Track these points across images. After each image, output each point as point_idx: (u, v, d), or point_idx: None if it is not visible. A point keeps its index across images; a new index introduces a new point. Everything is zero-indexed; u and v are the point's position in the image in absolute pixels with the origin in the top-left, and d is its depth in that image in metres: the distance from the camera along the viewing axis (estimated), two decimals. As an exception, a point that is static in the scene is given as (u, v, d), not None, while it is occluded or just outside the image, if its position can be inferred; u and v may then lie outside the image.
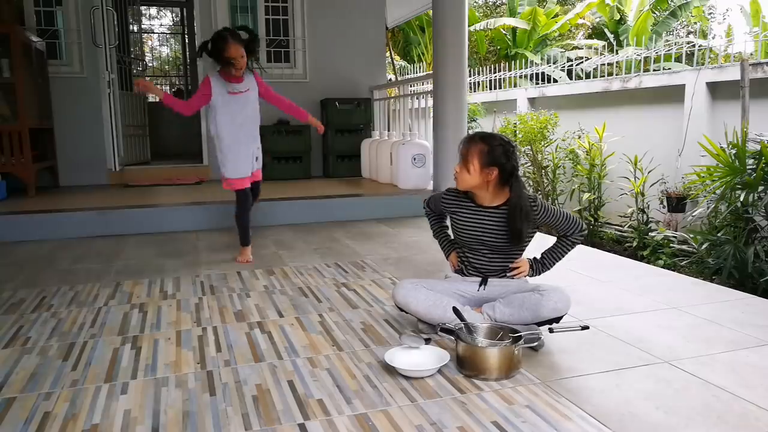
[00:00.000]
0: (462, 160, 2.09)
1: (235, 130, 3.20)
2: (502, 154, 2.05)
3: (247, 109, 3.22)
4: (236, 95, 3.17)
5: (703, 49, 8.66)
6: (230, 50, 3.02)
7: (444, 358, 1.82)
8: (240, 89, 3.18)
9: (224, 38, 3.02)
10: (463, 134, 4.87)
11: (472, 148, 2.07)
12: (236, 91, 3.17)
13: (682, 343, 2.05)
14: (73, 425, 1.54)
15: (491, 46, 15.30)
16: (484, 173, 2.06)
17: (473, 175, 2.07)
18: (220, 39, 3.03)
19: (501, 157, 2.05)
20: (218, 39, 3.04)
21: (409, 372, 1.79)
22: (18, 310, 2.50)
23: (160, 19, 17.09)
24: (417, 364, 1.82)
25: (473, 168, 2.06)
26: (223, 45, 3.02)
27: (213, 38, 3.07)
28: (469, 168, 2.07)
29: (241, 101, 3.19)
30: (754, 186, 4.58)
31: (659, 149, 6.92)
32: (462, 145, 2.12)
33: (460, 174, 2.10)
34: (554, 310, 1.99)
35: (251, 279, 2.96)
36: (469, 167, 2.07)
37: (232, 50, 3.02)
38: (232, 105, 3.17)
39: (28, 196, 4.95)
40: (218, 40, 3.03)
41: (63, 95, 5.89)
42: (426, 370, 1.79)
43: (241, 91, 3.18)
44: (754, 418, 1.54)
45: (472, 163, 2.06)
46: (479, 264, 2.22)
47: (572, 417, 1.55)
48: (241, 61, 3.06)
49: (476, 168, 2.06)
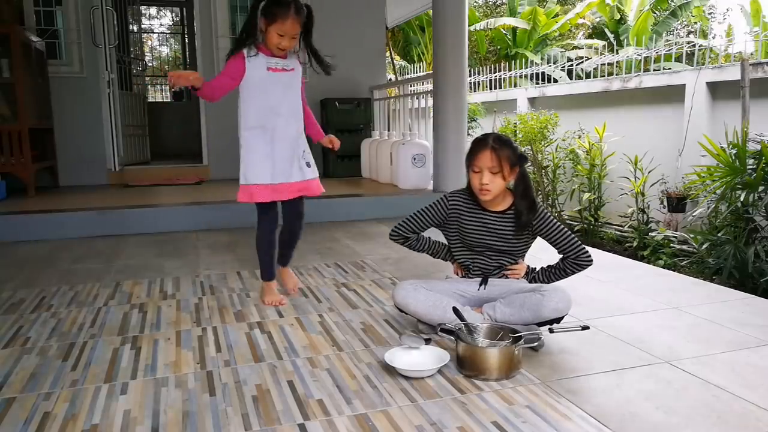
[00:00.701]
0: (491, 171, 2.06)
1: (266, 118, 2.37)
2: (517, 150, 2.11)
3: (289, 94, 2.41)
4: (278, 73, 2.37)
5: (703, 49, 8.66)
6: (287, 23, 2.24)
7: (444, 359, 1.82)
8: (284, 66, 2.38)
9: (285, 5, 2.23)
10: (463, 134, 4.88)
11: (501, 155, 2.05)
12: (279, 67, 2.37)
13: (683, 343, 2.05)
14: (73, 425, 1.53)
15: (491, 46, 15.30)
16: (512, 174, 2.10)
17: (507, 180, 2.10)
18: (277, 4, 2.25)
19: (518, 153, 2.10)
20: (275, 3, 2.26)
21: (409, 372, 1.78)
22: (18, 310, 2.49)
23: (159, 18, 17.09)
24: (417, 364, 1.82)
25: (506, 173, 2.08)
26: (279, 12, 2.23)
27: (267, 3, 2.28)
28: (504, 174, 2.07)
29: (283, 81, 2.38)
30: (755, 186, 4.57)
31: (659, 149, 6.91)
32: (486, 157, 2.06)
33: (491, 184, 2.07)
34: (555, 310, 1.99)
35: (251, 279, 2.95)
36: (504, 174, 2.07)
37: (288, 24, 2.25)
38: (271, 86, 2.36)
39: (27, 196, 4.95)
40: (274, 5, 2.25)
41: (63, 95, 5.89)
42: (426, 370, 1.79)
43: (285, 68, 2.38)
44: (755, 418, 1.54)
45: (504, 169, 2.07)
46: (481, 264, 2.23)
47: (572, 417, 1.55)
48: (291, 42, 2.32)
49: (508, 172, 2.08)
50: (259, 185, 2.38)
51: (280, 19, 2.23)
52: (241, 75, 2.33)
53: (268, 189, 2.39)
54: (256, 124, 2.37)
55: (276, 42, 2.28)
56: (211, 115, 6.35)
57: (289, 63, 2.40)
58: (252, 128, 2.38)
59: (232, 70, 2.33)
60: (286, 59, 2.39)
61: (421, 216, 2.25)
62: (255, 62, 2.32)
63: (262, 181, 2.38)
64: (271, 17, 2.25)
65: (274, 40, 2.28)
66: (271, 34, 2.27)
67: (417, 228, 2.27)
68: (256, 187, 2.38)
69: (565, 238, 2.15)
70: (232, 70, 2.33)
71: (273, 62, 2.35)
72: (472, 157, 2.10)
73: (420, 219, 2.25)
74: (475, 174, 2.10)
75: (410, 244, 2.32)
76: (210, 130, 6.40)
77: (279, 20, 2.23)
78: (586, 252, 2.16)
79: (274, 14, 2.23)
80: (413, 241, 2.31)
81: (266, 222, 2.49)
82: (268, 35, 2.29)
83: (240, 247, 3.69)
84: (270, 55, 2.35)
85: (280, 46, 2.29)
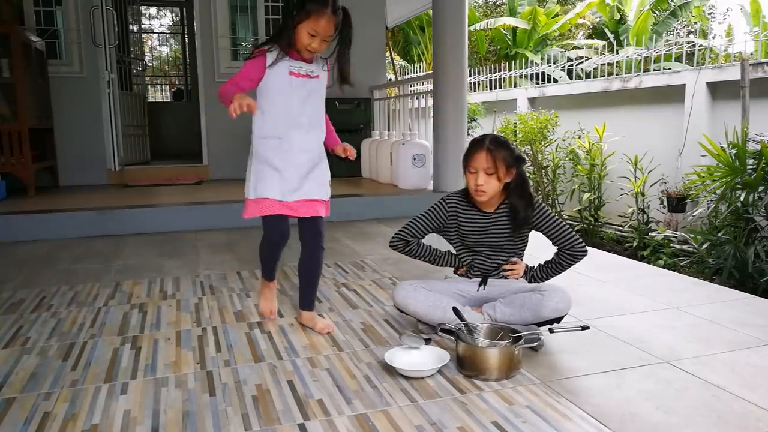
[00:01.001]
0: (486, 172, 2.06)
1: (284, 128, 2.10)
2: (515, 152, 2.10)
3: (309, 103, 2.14)
4: (301, 78, 2.09)
5: (703, 49, 8.66)
6: (321, 22, 1.98)
7: (444, 359, 1.82)
8: (308, 72, 2.11)
9: (321, 1, 1.98)
10: (463, 134, 4.88)
11: (497, 157, 2.05)
12: (302, 72, 2.10)
13: (683, 343, 2.05)
14: (73, 425, 1.53)
15: (491, 46, 15.30)
16: (508, 175, 2.09)
17: (501, 183, 2.09)
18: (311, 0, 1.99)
19: (516, 155, 2.10)
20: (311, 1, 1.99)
21: (409, 372, 1.78)
22: (18, 310, 2.49)
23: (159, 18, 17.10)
24: (417, 364, 1.82)
25: (502, 174, 2.07)
26: (314, 9, 1.98)
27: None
28: (499, 176, 2.07)
29: (306, 88, 2.11)
30: (755, 186, 4.57)
31: (659, 149, 6.92)
32: (482, 158, 2.06)
33: (486, 185, 2.07)
34: (555, 310, 1.99)
35: (251, 279, 2.95)
36: (499, 175, 2.07)
37: (323, 23, 1.99)
38: (291, 92, 2.09)
39: (27, 196, 4.95)
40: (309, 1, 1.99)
41: (63, 95, 5.89)
42: (426, 370, 1.79)
43: (309, 74, 2.11)
44: (755, 418, 1.54)
45: (500, 171, 2.06)
46: (480, 264, 2.23)
47: (572, 417, 1.55)
48: (323, 45, 2.05)
49: (503, 173, 2.07)
50: (270, 200, 2.10)
51: (314, 15, 1.97)
52: (260, 78, 2.06)
53: (280, 205, 2.11)
54: (271, 134, 2.10)
55: (306, 43, 2.01)
56: (211, 115, 6.35)
57: (315, 69, 2.12)
58: (267, 138, 2.10)
59: (250, 71, 2.06)
60: (311, 64, 2.11)
61: (420, 220, 2.24)
62: (276, 64, 2.05)
63: (273, 197, 2.09)
64: (304, 14, 1.99)
65: (304, 40, 2.01)
66: (302, 33, 2.01)
67: (417, 232, 2.25)
68: (266, 201, 2.10)
69: (561, 229, 2.16)
70: (251, 72, 2.06)
71: (297, 66, 2.08)
72: (469, 157, 2.10)
73: (420, 223, 2.24)
74: (471, 175, 2.10)
75: (410, 249, 2.27)
76: (210, 130, 6.40)
77: (313, 17, 1.98)
78: (580, 242, 2.17)
79: (308, 11, 1.98)
80: (414, 246, 2.27)
81: (274, 235, 2.20)
82: (297, 34, 2.02)
83: (240, 247, 3.69)
84: (295, 57, 2.08)
85: (309, 48, 2.02)
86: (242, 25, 6.79)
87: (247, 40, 6.93)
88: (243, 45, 6.95)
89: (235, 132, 6.39)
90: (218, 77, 6.34)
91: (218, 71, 6.35)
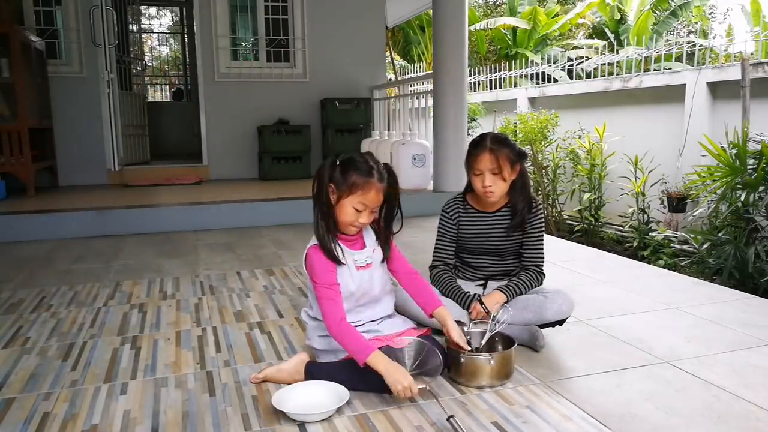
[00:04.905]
0: (492, 172, 2.01)
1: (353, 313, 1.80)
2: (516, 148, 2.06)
3: (376, 283, 1.84)
4: (368, 270, 1.82)
5: (703, 49, 8.65)
6: (370, 194, 1.71)
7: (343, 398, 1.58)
8: (367, 259, 1.82)
9: (365, 170, 1.70)
10: (463, 134, 4.87)
11: (500, 156, 2.00)
12: (367, 263, 1.82)
13: (683, 343, 2.05)
14: (73, 425, 1.53)
15: (491, 46, 15.30)
16: (513, 173, 2.05)
17: (508, 181, 2.05)
18: (354, 168, 1.71)
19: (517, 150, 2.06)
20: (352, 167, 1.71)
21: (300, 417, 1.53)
22: (17, 310, 2.49)
23: (159, 18, 17.11)
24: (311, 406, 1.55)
25: (507, 173, 2.02)
26: (360, 180, 1.69)
27: (343, 162, 1.73)
28: (504, 176, 2.02)
29: (366, 278, 1.82)
30: (755, 186, 4.57)
31: (660, 149, 6.91)
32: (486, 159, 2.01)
33: (494, 186, 2.02)
34: (558, 312, 1.99)
35: (251, 279, 2.95)
36: (504, 174, 2.02)
37: (372, 195, 1.71)
38: (358, 284, 1.79)
39: (27, 196, 4.95)
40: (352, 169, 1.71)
41: (63, 95, 5.89)
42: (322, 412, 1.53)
43: (368, 262, 1.82)
44: (755, 418, 1.54)
45: (505, 169, 2.01)
46: (481, 266, 2.22)
47: (572, 417, 1.55)
48: (371, 217, 1.76)
49: (508, 172, 2.03)
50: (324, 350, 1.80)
51: (361, 189, 1.69)
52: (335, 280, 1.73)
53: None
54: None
55: (351, 219, 1.72)
56: (211, 115, 6.36)
57: (370, 247, 1.83)
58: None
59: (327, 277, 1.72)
60: (364, 248, 1.82)
61: (442, 242, 2.20)
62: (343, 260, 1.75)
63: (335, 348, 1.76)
64: (348, 187, 1.69)
65: (349, 217, 1.72)
66: (345, 208, 1.71)
67: (449, 252, 2.19)
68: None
69: (539, 242, 2.13)
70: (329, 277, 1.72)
71: (360, 258, 1.80)
72: (471, 159, 2.05)
73: (443, 247, 2.20)
74: (477, 177, 2.04)
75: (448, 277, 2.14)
76: (210, 130, 6.40)
77: (360, 191, 1.69)
78: (543, 262, 2.13)
79: (353, 183, 1.69)
80: (450, 270, 2.19)
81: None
82: (339, 210, 1.73)
83: (240, 247, 3.69)
84: (347, 242, 1.80)
85: (355, 224, 1.74)
86: (242, 25, 6.79)
87: (247, 40, 6.93)
88: (243, 45, 6.96)
89: (235, 132, 6.41)
90: (218, 77, 6.34)
91: (218, 71, 6.35)
